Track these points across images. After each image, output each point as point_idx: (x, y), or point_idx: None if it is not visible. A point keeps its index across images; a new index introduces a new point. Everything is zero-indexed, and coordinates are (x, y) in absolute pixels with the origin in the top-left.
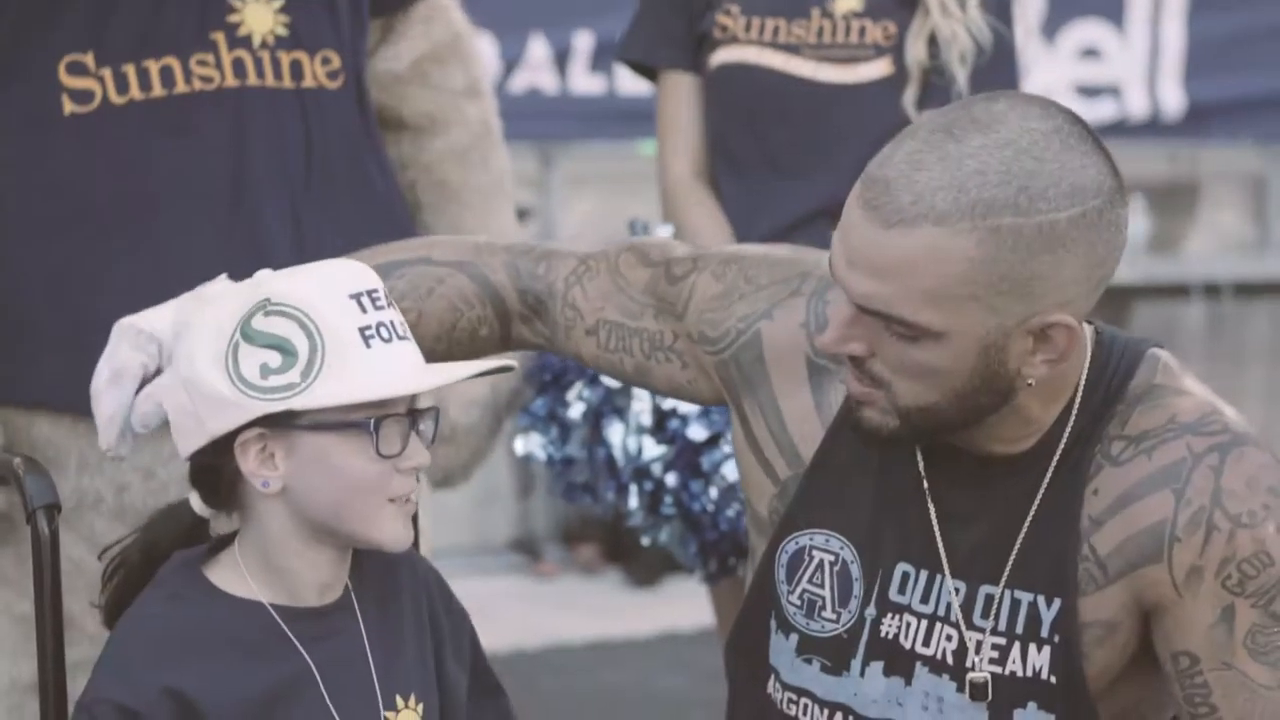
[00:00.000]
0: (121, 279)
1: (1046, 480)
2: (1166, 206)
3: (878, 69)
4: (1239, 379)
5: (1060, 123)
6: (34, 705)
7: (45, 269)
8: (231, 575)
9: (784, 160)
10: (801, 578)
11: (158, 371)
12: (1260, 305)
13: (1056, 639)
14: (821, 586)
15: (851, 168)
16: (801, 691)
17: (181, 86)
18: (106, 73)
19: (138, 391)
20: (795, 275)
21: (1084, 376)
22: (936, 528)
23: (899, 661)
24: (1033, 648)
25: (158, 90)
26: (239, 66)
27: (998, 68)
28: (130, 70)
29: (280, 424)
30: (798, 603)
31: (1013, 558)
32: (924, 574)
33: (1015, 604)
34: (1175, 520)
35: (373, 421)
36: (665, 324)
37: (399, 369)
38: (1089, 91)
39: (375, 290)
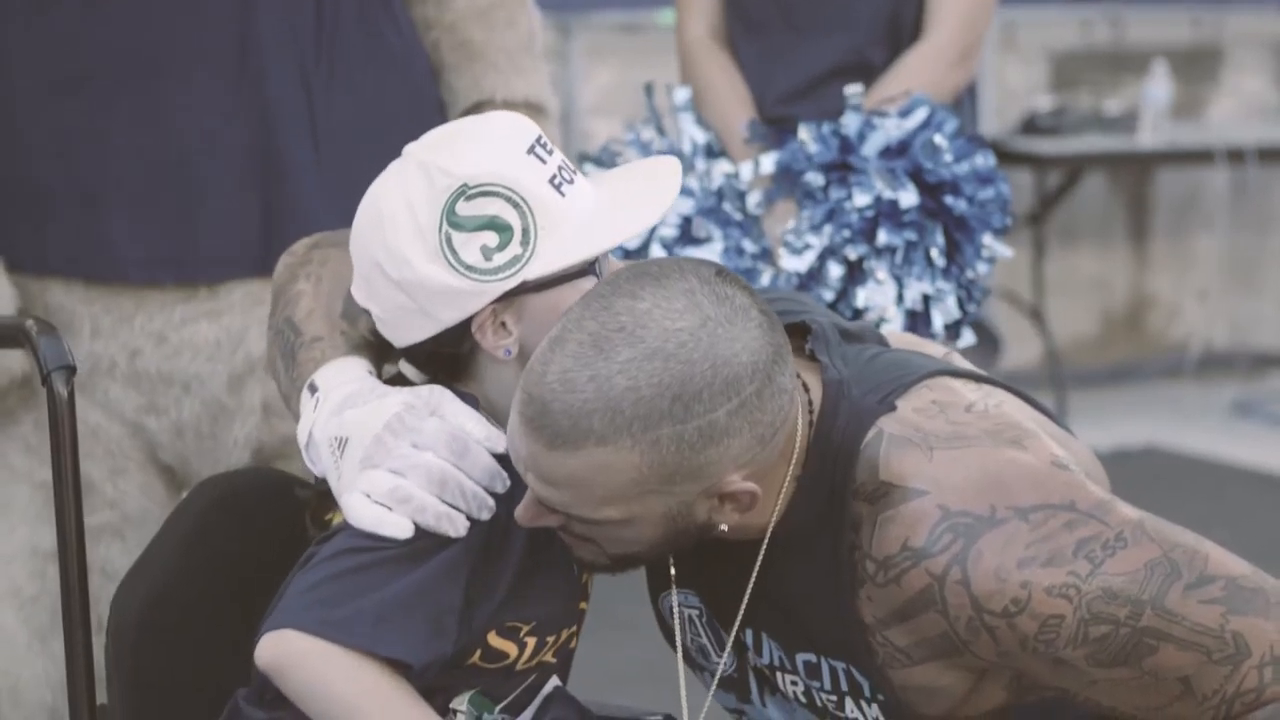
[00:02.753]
0: (127, 142)
1: (810, 564)
2: (1190, 72)
3: None
4: (1263, 244)
5: (708, 311)
6: (55, 571)
7: (51, 135)
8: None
9: (800, 18)
10: (686, 630)
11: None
12: None
13: (881, 697)
14: (700, 635)
15: (867, 24)
16: (739, 713)
17: None
18: None
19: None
20: None
21: (793, 474)
22: (730, 587)
23: (776, 687)
24: (863, 703)
25: None
26: None
27: None
28: None
29: (510, 293)
30: (694, 649)
31: (813, 634)
32: (749, 631)
33: (833, 669)
34: (954, 631)
35: (596, 263)
36: None
37: (607, 209)
38: None
39: (540, 136)
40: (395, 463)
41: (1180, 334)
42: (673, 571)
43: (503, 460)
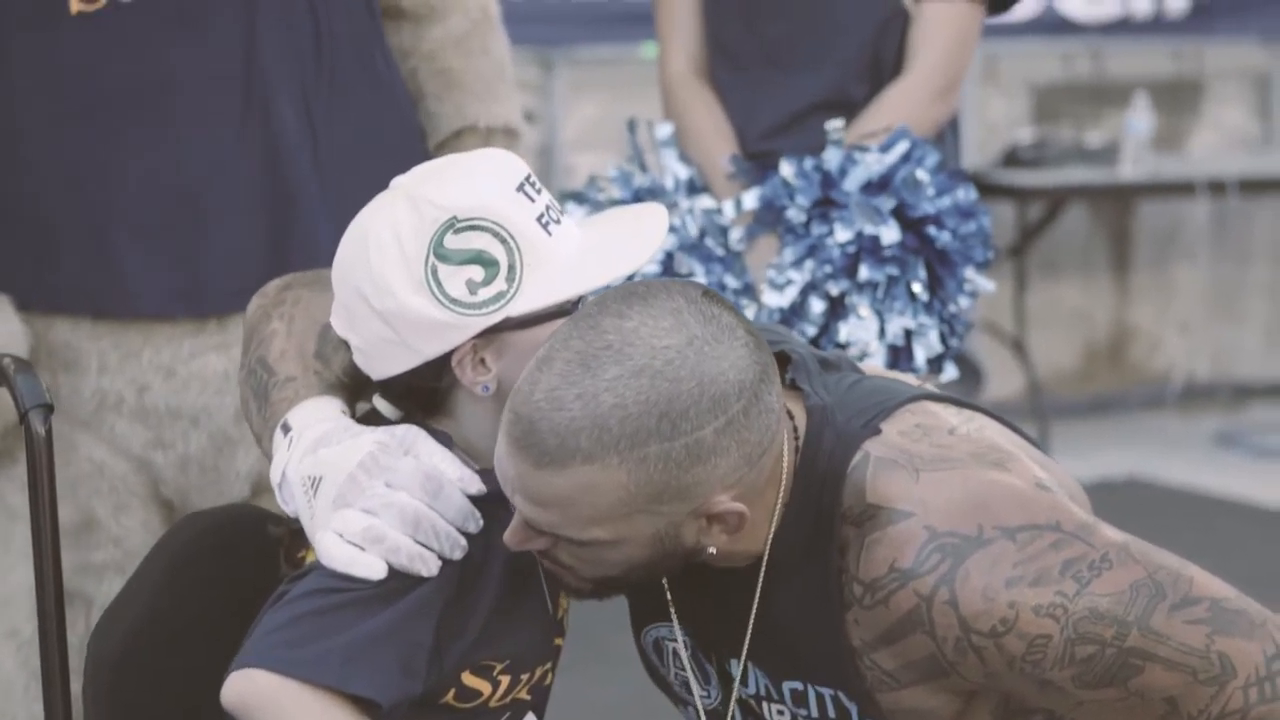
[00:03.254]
0: (136, 175)
1: (798, 589)
2: (1171, 104)
3: None
4: (1244, 276)
5: (694, 330)
6: None
7: (59, 169)
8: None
9: (781, 55)
10: (669, 664)
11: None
12: (1265, 202)
13: None
14: (684, 669)
15: (849, 61)
16: None
17: None
18: None
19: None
20: None
21: (781, 500)
22: (717, 616)
23: (761, 718)
24: None
25: None
26: None
27: None
28: None
29: (491, 330)
30: (677, 683)
31: (801, 661)
32: (734, 661)
33: (820, 696)
34: (941, 652)
35: (579, 304)
36: None
37: (593, 250)
38: None
39: (529, 174)
40: (368, 502)
41: (1162, 365)
42: (669, 597)
43: (477, 500)
